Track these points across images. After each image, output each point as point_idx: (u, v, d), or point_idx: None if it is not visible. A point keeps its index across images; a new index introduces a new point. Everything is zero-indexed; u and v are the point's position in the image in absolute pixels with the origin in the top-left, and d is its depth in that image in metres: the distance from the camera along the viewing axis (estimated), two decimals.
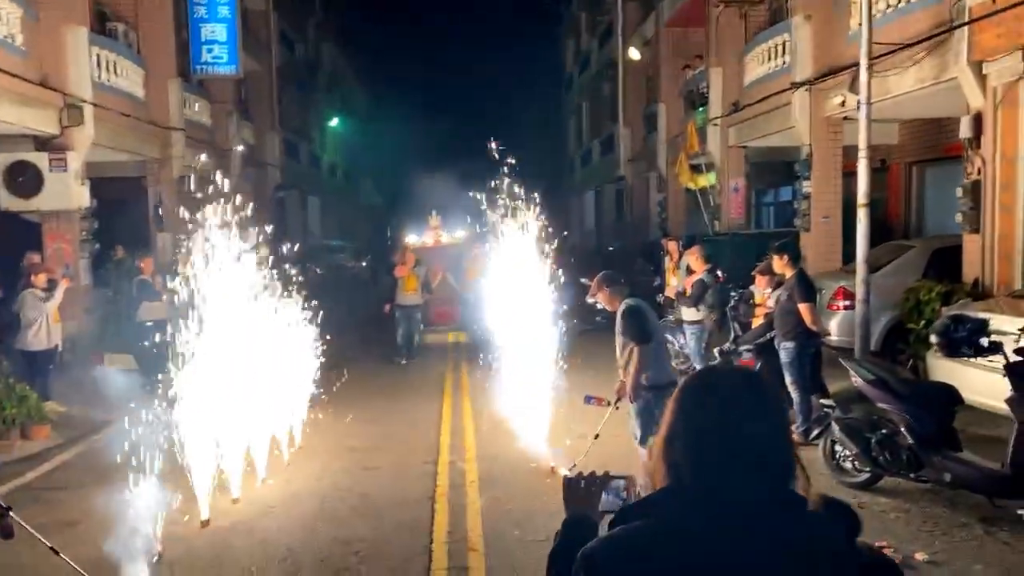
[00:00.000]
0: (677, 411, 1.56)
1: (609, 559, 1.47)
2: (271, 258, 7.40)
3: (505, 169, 10.65)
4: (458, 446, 7.34)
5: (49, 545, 3.89)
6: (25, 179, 11.19)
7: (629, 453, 5.81)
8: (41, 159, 11.20)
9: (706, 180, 17.05)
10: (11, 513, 3.53)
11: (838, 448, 5.91)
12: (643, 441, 5.42)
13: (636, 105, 24.11)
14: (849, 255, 11.40)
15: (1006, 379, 5.07)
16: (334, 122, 33.62)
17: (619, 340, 5.54)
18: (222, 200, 6.20)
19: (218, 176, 6.56)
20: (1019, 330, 5.33)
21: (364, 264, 26.42)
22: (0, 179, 11.16)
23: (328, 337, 8.15)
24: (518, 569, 4.64)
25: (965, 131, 8.49)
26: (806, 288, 6.68)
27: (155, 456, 4.94)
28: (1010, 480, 4.97)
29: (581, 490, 1.88)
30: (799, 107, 12.17)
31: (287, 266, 7.68)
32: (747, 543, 1.42)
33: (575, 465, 5.69)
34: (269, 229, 7.96)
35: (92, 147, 12.11)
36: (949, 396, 5.46)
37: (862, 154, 8.49)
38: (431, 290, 12.84)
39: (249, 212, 6.58)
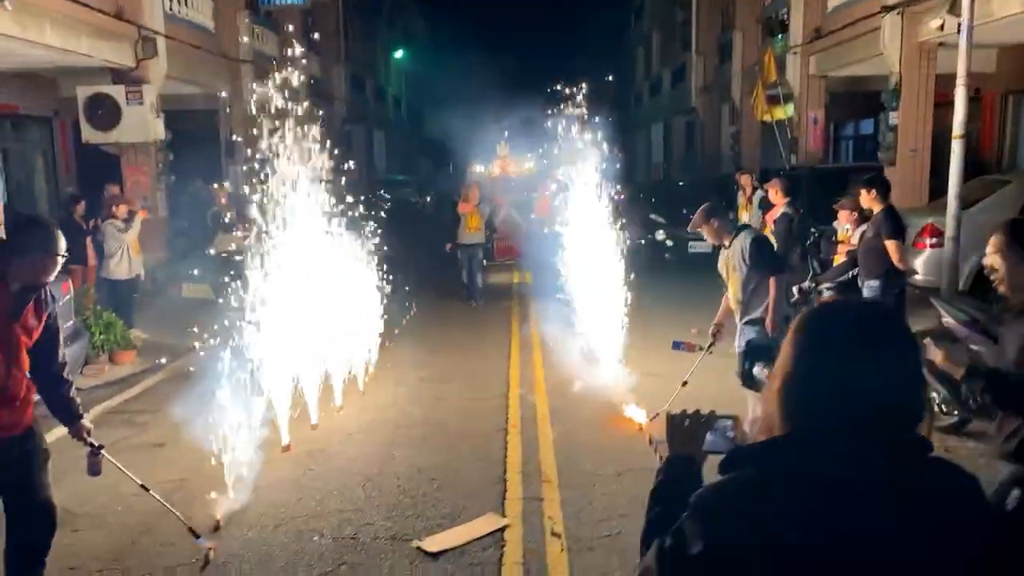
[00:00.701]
0: (798, 349, 1.43)
1: (724, 508, 1.37)
2: (343, 191, 7.40)
3: (570, 102, 10.37)
4: (528, 380, 7.35)
5: (140, 483, 4.01)
6: (104, 112, 11.43)
7: (719, 400, 5.67)
8: (118, 92, 11.40)
9: (783, 112, 16.32)
10: (103, 452, 3.64)
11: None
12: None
13: (710, 33, 23.17)
14: (936, 191, 10.85)
15: None
16: (398, 54, 33.34)
17: (737, 274, 5.21)
18: (291, 133, 6.21)
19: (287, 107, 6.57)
20: None
21: (428, 199, 26.47)
22: (81, 112, 11.45)
23: (395, 270, 8.19)
24: (592, 501, 4.64)
25: None
26: (895, 224, 6.34)
27: (236, 383, 5.05)
28: None
29: (685, 429, 1.79)
30: (889, 33, 11.45)
31: (359, 198, 7.69)
32: (875, 493, 1.31)
33: (657, 415, 5.53)
34: (340, 162, 7.94)
35: (165, 80, 12.26)
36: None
37: (960, 81, 7.93)
38: (495, 228, 12.70)
39: (319, 144, 6.58)
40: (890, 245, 6.33)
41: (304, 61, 20.78)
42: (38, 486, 3.35)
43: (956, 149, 8.13)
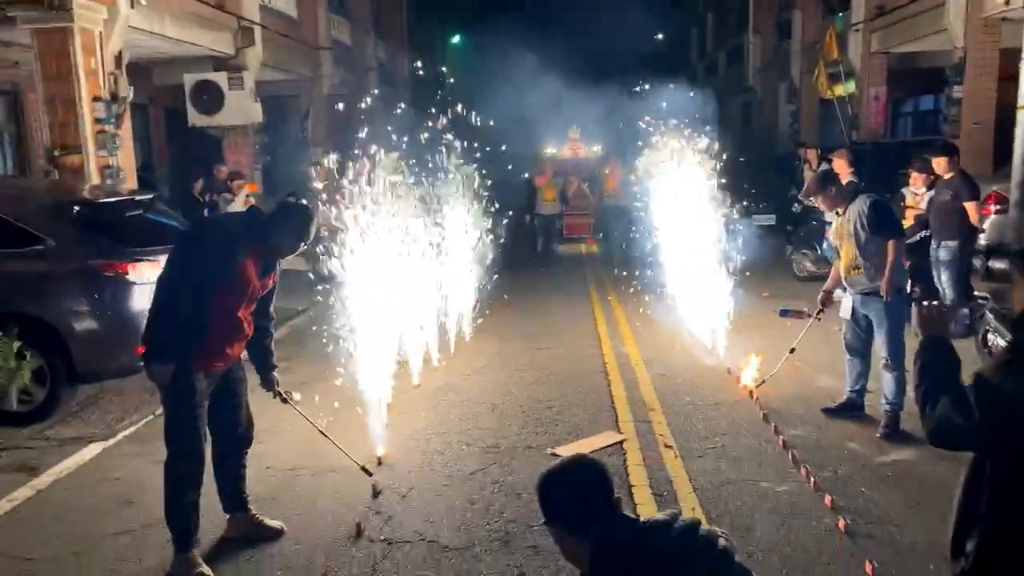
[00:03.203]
0: None
1: (1003, 401, 1.85)
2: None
3: (634, 87, 10.79)
4: (615, 333, 8.07)
5: (320, 429, 4.43)
6: (208, 97, 12.40)
7: (826, 366, 6.15)
8: (221, 78, 12.35)
9: (844, 89, 16.62)
10: (290, 401, 4.13)
11: (991, 337, 6.23)
12: (893, 340, 5.02)
13: (767, 12, 23.37)
14: (998, 162, 11.20)
15: None
16: (455, 39, 34.09)
17: (852, 240, 5.08)
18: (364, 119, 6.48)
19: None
20: None
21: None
22: (188, 97, 12.44)
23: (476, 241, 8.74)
24: (694, 424, 5.34)
25: None
26: (972, 186, 6.83)
27: (354, 334, 5.50)
28: None
29: (935, 318, 2.24)
30: (954, 8, 11.78)
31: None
32: None
33: (764, 381, 5.84)
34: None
35: (260, 67, 13.21)
36: None
37: None
38: (567, 200, 13.46)
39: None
40: (970, 206, 6.83)
41: (372, 48, 21.60)
42: (245, 404, 3.90)
43: (1020, 119, 8.58)
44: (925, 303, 2.27)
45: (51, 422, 5.84)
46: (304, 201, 4.44)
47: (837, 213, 5.26)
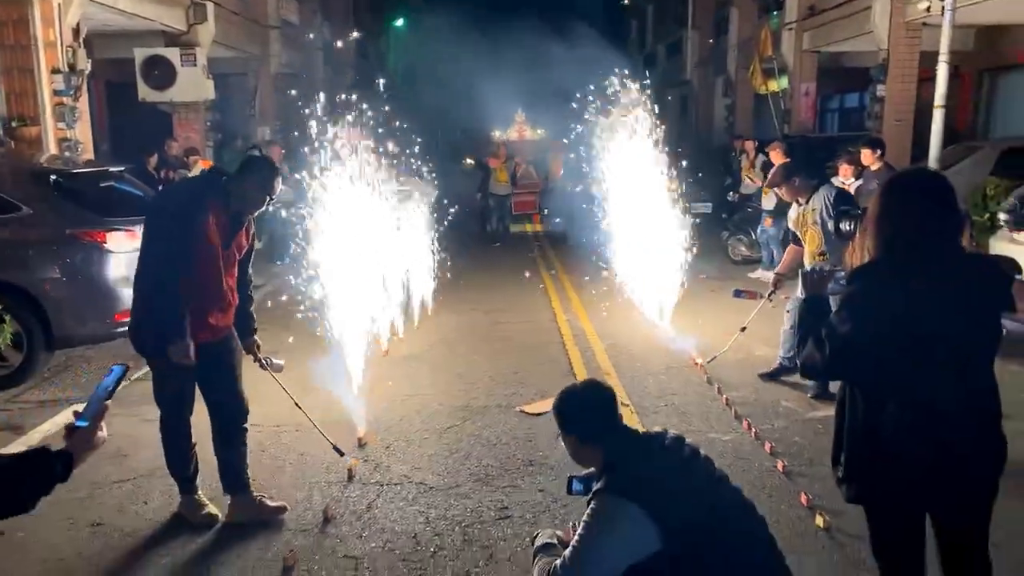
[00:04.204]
0: (892, 195, 2.38)
1: (859, 296, 2.31)
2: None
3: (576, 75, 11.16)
4: (568, 308, 8.55)
5: (295, 401, 4.44)
6: (160, 72, 12.34)
7: (759, 339, 6.57)
8: (173, 54, 12.30)
9: (777, 84, 17.50)
10: (268, 368, 4.12)
11: None
12: None
13: (705, 8, 24.20)
14: (917, 158, 12.10)
15: None
16: (399, 22, 34.04)
17: (817, 228, 5.36)
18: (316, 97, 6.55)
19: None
20: None
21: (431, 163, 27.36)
22: (138, 72, 12.34)
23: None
24: (647, 387, 5.85)
25: None
26: None
27: (318, 306, 5.80)
28: None
29: (818, 280, 2.77)
30: (879, 12, 12.62)
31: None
32: (942, 272, 2.29)
33: (714, 358, 6.28)
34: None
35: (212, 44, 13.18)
36: (1009, 266, 6.43)
37: (943, 57, 9.15)
38: (516, 181, 13.99)
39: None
40: None
41: (319, 28, 21.45)
42: (237, 378, 3.85)
43: (937, 118, 9.37)
44: (809, 270, 2.79)
45: (26, 387, 5.99)
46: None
47: (798, 202, 5.55)
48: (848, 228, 4.44)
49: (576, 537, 2.28)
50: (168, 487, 4.03)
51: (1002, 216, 6.44)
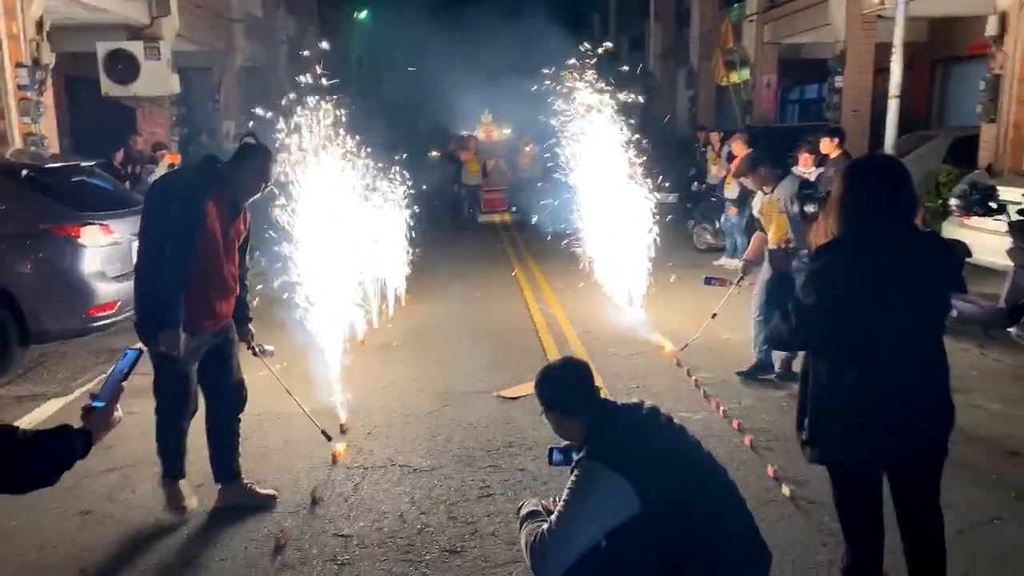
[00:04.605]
0: (853, 178, 2.58)
1: (825, 271, 2.51)
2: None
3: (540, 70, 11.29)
4: (540, 297, 8.72)
5: (286, 388, 4.52)
6: (123, 67, 12.21)
7: (726, 324, 6.67)
8: (137, 47, 12.18)
9: (739, 76, 17.84)
10: (263, 356, 4.20)
11: None
12: None
13: (668, 1, 24.47)
14: (874, 146, 12.47)
15: (1008, 236, 6.32)
16: (362, 15, 33.89)
17: (784, 216, 5.45)
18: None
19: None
20: (1022, 195, 6.55)
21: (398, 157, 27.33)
22: (101, 66, 12.20)
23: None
24: (618, 371, 6.04)
25: (991, 29, 9.45)
26: None
27: (295, 295, 5.74)
28: (1005, 313, 6.29)
29: (785, 257, 3.03)
30: (836, 4, 12.97)
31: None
32: (898, 248, 2.50)
33: (686, 345, 6.42)
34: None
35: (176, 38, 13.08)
36: (961, 249, 6.74)
37: (897, 49, 9.46)
38: (487, 173, 14.23)
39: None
40: None
41: (283, 21, 21.34)
42: (237, 367, 3.92)
43: (892, 107, 9.69)
44: (775, 248, 3.01)
45: (1, 383, 5.98)
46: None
47: (763, 191, 5.68)
48: (812, 210, 4.68)
49: (561, 503, 2.44)
50: (156, 475, 4.10)
51: (953, 202, 6.73)
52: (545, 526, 2.45)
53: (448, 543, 3.57)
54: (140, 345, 3.27)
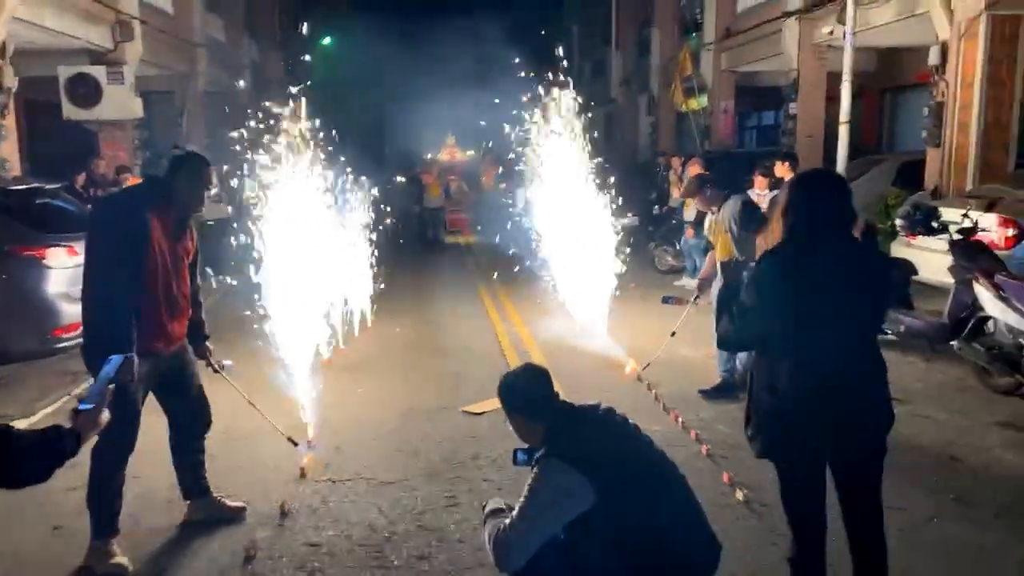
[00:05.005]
0: (797, 191, 2.79)
1: (766, 274, 2.71)
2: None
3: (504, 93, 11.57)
4: (505, 316, 8.86)
5: (248, 400, 4.57)
6: (86, 91, 12.19)
7: (684, 340, 7.07)
8: (100, 72, 12.18)
9: (697, 103, 18.31)
10: (222, 372, 4.19)
11: None
12: None
13: (629, 29, 25.04)
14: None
15: (949, 254, 6.63)
16: (326, 40, 34.04)
17: (729, 235, 5.61)
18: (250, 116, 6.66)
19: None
20: (961, 215, 6.87)
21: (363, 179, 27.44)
22: (63, 90, 12.17)
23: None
24: (581, 389, 6.17)
25: (934, 58, 9.92)
26: None
27: (261, 314, 5.81)
28: (948, 328, 6.58)
29: (732, 269, 3.22)
30: (789, 35, 13.45)
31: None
32: (835, 256, 2.69)
33: (649, 364, 6.54)
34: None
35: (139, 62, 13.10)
36: (907, 267, 7.05)
37: (846, 78, 9.89)
38: (451, 195, 14.44)
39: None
40: None
41: (247, 46, 21.39)
42: (198, 387, 3.89)
43: (842, 133, 10.10)
44: (727, 260, 3.21)
45: None
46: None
47: (711, 211, 5.88)
48: (753, 227, 4.98)
49: (522, 498, 2.57)
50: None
51: (898, 222, 7.02)
52: (507, 521, 2.57)
53: (416, 550, 3.67)
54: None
